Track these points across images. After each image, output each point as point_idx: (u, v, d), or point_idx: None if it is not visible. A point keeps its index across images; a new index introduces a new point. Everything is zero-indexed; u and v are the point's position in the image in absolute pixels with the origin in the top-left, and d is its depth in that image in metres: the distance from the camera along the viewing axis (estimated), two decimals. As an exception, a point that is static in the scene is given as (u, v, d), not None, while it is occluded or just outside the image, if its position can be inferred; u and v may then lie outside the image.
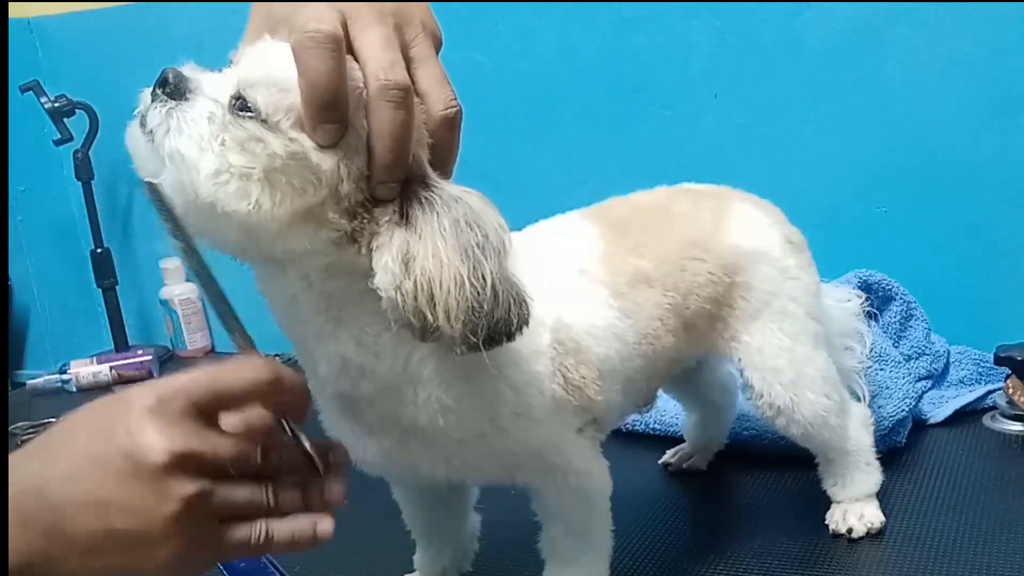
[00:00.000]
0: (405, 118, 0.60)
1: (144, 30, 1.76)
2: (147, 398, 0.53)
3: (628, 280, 0.81)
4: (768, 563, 0.90)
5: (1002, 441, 1.13)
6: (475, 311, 0.60)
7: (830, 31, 1.32)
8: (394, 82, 0.60)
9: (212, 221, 0.60)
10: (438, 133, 0.64)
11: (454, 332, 0.60)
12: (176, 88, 0.61)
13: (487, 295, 0.61)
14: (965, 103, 1.27)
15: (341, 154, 0.60)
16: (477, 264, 0.61)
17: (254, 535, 0.56)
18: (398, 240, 0.61)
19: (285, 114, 0.60)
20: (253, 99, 0.60)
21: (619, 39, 1.44)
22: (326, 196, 0.61)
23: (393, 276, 0.60)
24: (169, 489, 0.52)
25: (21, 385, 1.82)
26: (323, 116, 0.59)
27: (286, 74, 0.60)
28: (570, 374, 0.75)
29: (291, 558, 0.97)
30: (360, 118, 0.60)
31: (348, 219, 0.62)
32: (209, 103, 0.61)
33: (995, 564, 0.86)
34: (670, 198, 0.92)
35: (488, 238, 0.62)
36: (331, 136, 0.60)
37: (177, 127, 0.60)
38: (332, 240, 0.62)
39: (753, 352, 0.89)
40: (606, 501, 0.80)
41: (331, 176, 0.60)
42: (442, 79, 0.64)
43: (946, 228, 1.31)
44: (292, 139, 0.60)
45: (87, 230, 1.82)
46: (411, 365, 0.67)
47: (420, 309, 0.60)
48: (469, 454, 0.73)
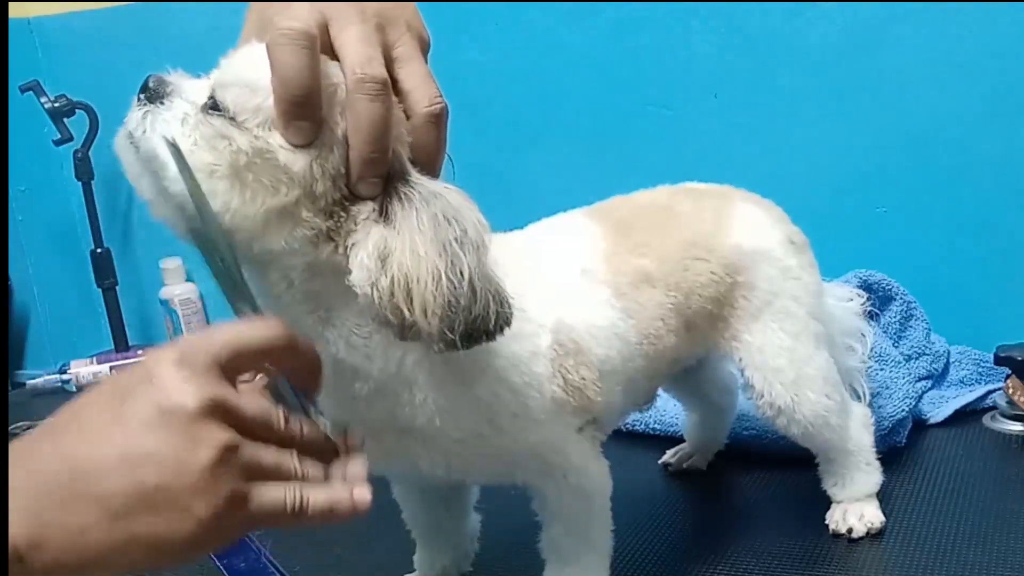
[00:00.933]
0: (382, 111, 0.60)
1: (144, 30, 1.76)
2: (168, 354, 0.50)
3: (630, 280, 0.81)
4: (768, 563, 0.90)
5: (1002, 441, 1.13)
6: (452, 306, 0.60)
7: (830, 31, 1.32)
8: (370, 75, 0.60)
9: (188, 223, 0.61)
10: (422, 130, 0.64)
11: (431, 328, 0.60)
12: (155, 92, 0.63)
13: (464, 290, 0.60)
14: (965, 103, 1.27)
15: (315, 153, 0.60)
16: (455, 259, 0.60)
17: (289, 499, 0.51)
18: (375, 236, 0.61)
19: (253, 113, 0.60)
20: (223, 98, 0.61)
21: (619, 39, 1.44)
22: (300, 195, 0.61)
23: (368, 272, 0.60)
24: (203, 436, 0.48)
25: (21, 385, 1.82)
26: (295, 113, 0.59)
27: (257, 74, 0.60)
28: (570, 375, 0.74)
29: (291, 558, 0.97)
30: (336, 115, 0.61)
31: (324, 218, 0.61)
32: (185, 105, 0.62)
33: (995, 564, 0.86)
34: (672, 197, 0.92)
35: (467, 233, 0.61)
36: (304, 135, 0.60)
37: (152, 128, 0.61)
38: (309, 239, 0.62)
39: (754, 352, 0.89)
40: (606, 500, 0.80)
41: (303, 175, 0.60)
42: (426, 77, 0.64)
43: (946, 228, 1.31)
44: (258, 136, 0.60)
45: (87, 230, 1.82)
46: (405, 367, 0.67)
47: (397, 305, 0.60)
48: (468, 453, 0.73)
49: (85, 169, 1.77)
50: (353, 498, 0.53)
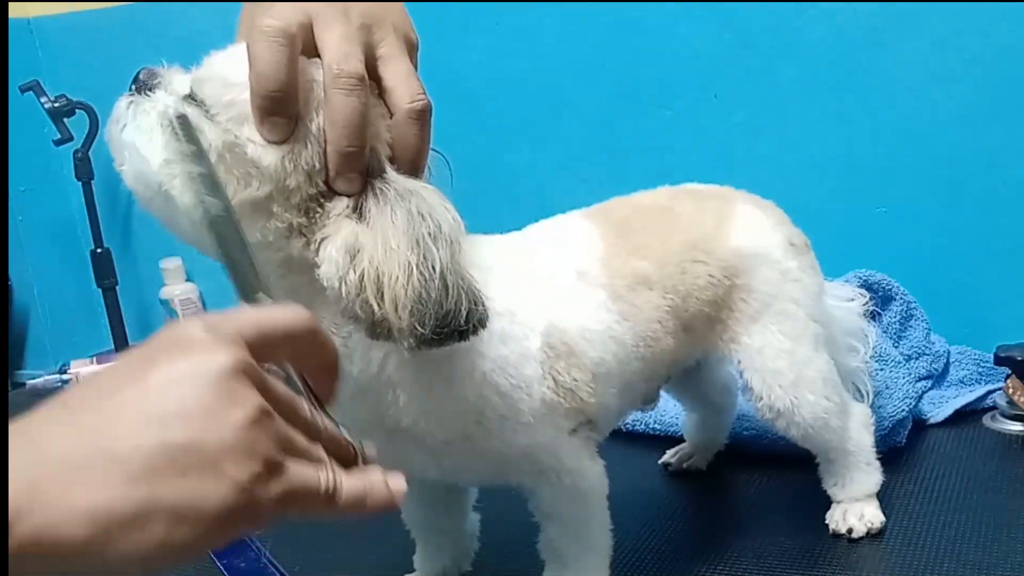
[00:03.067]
0: (357, 105, 0.61)
1: (144, 30, 1.76)
2: (194, 325, 0.44)
3: (628, 282, 0.81)
4: (768, 563, 0.90)
5: (1002, 441, 1.13)
6: (423, 300, 0.60)
7: (830, 31, 1.32)
8: (346, 71, 0.60)
9: (167, 212, 0.63)
10: (404, 127, 0.64)
11: (401, 323, 0.60)
12: (144, 84, 0.64)
13: (436, 284, 0.60)
14: (965, 103, 1.27)
15: (287, 148, 0.61)
16: (427, 252, 0.60)
17: (324, 479, 0.45)
18: (345, 231, 0.61)
19: (225, 107, 0.61)
20: (199, 91, 0.62)
21: (619, 39, 1.44)
22: (271, 190, 0.62)
23: (336, 266, 0.60)
24: (239, 393, 0.42)
25: (21, 385, 1.82)
26: (270, 109, 0.60)
27: (233, 71, 0.62)
28: (561, 377, 0.74)
29: (291, 558, 0.97)
30: (313, 112, 0.61)
31: (297, 213, 0.62)
32: (166, 97, 0.63)
33: (995, 564, 0.86)
34: (672, 199, 0.91)
35: (441, 229, 0.62)
36: (278, 131, 0.61)
37: (132, 119, 0.63)
38: (282, 232, 0.62)
39: (753, 354, 0.88)
40: (602, 500, 0.80)
41: (275, 170, 0.61)
42: (408, 74, 0.65)
43: (946, 228, 1.31)
44: (227, 130, 0.61)
45: (87, 230, 1.82)
46: (388, 369, 0.67)
47: (366, 300, 0.60)
48: (458, 454, 0.73)
49: (85, 169, 1.77)
50: (390, 487, 0.48)
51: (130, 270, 1.91)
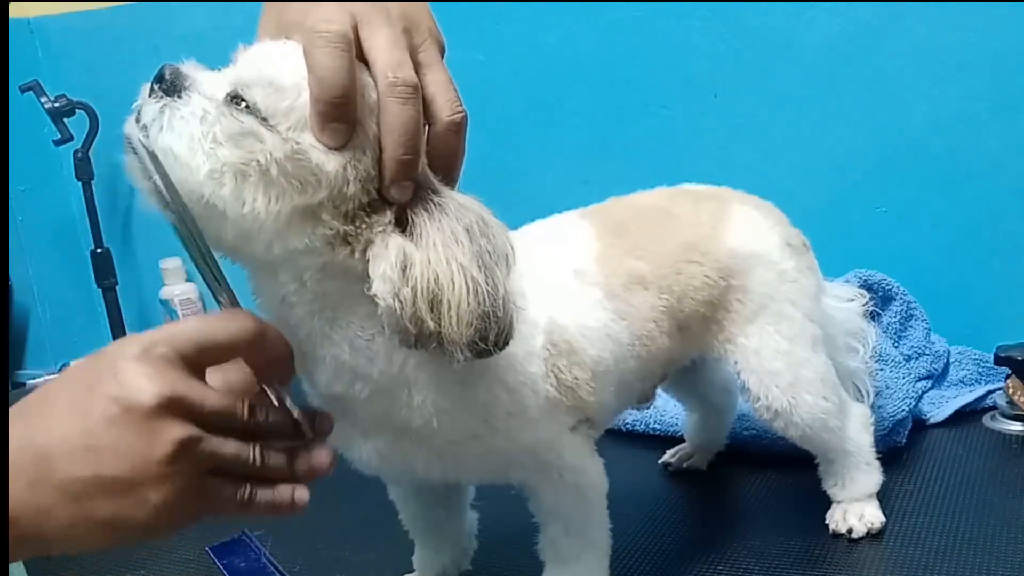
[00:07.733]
0: (414, 114, 0.60)
1: (144, 30, 1.76)
2: (132, 346, 0.52)
3: (624, 282, 0.81)
4: (768, 563, 0.90)
5: (1002, 441, 1.13)
6: (486, 317, 0.61)
7: (830, 31, 1.32)
8: (402, 79, 0.60)
9: (211, 221, 0.61)
10: (443, 138, 0.64)
11: (463, 339, 0.60)
12: (172, 84, 0.61)
13: (500, 303, 0.61)
14: (965, 103, 1.27)
15: (348, 155, 0.60)
16: (490, 271, 0.61)
17: (239, 491, 0.55)
18: (395, 248, 0.61)
19: (284, 115, 0.60)
20: (252, 99, 0.60)
21: (619, 39, 1.44)
22: (325, 197, 0.61)
23: (392, 284, 0.60)
24: (160, 432, 0.51)
25: (21, 385, 1.82)
26: (332, 115, 0.59)
27: (284, 74, 0.60)
28: (563, 375, 0.75)
29: (291, 558, 0.97)
30: (368, 119, 0.61)
31: (344, 221, 0.62)
32: (204, 101, 0.61)
33: (995, 564, 0.86)
34: (669, 199, 0.91)
35: (497, 247, 0.63)
36: (339, 137, 0.60)
37: (170, 124, 0.60)
38: (327, 239, 0.62)
39: (750, 355, 0.88)
40: (602, 497, 0.80)
41: (335, 177, 0.60)
42: (448, 84, 0.64)
43: (946, 228, 1.31)
44: (287, 139, 0.59)
45: (87, 230, 1.82)
46: (406, 369, 0.67)
47: (419, 316, 0.60)
48: (463, 454, 0.73)
49: (85, 169, 1.77)
50: (294, 496, 0.57)
51: (130, 270, 1.91)
